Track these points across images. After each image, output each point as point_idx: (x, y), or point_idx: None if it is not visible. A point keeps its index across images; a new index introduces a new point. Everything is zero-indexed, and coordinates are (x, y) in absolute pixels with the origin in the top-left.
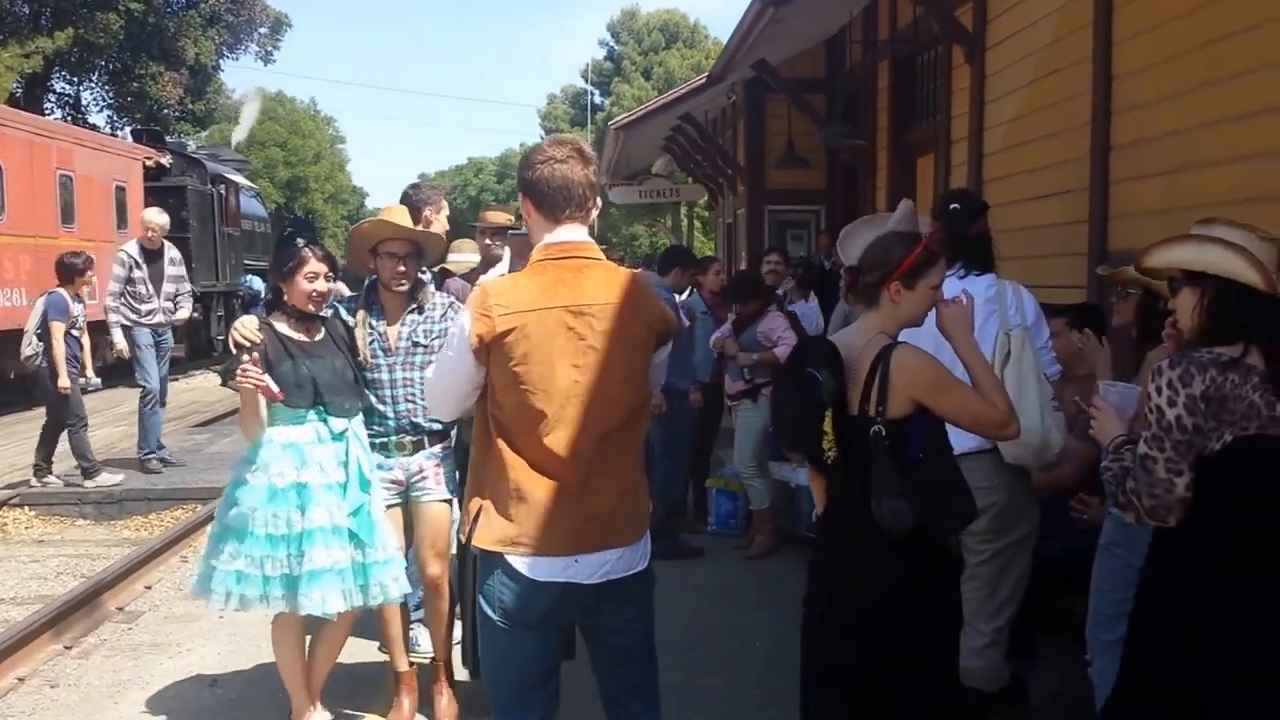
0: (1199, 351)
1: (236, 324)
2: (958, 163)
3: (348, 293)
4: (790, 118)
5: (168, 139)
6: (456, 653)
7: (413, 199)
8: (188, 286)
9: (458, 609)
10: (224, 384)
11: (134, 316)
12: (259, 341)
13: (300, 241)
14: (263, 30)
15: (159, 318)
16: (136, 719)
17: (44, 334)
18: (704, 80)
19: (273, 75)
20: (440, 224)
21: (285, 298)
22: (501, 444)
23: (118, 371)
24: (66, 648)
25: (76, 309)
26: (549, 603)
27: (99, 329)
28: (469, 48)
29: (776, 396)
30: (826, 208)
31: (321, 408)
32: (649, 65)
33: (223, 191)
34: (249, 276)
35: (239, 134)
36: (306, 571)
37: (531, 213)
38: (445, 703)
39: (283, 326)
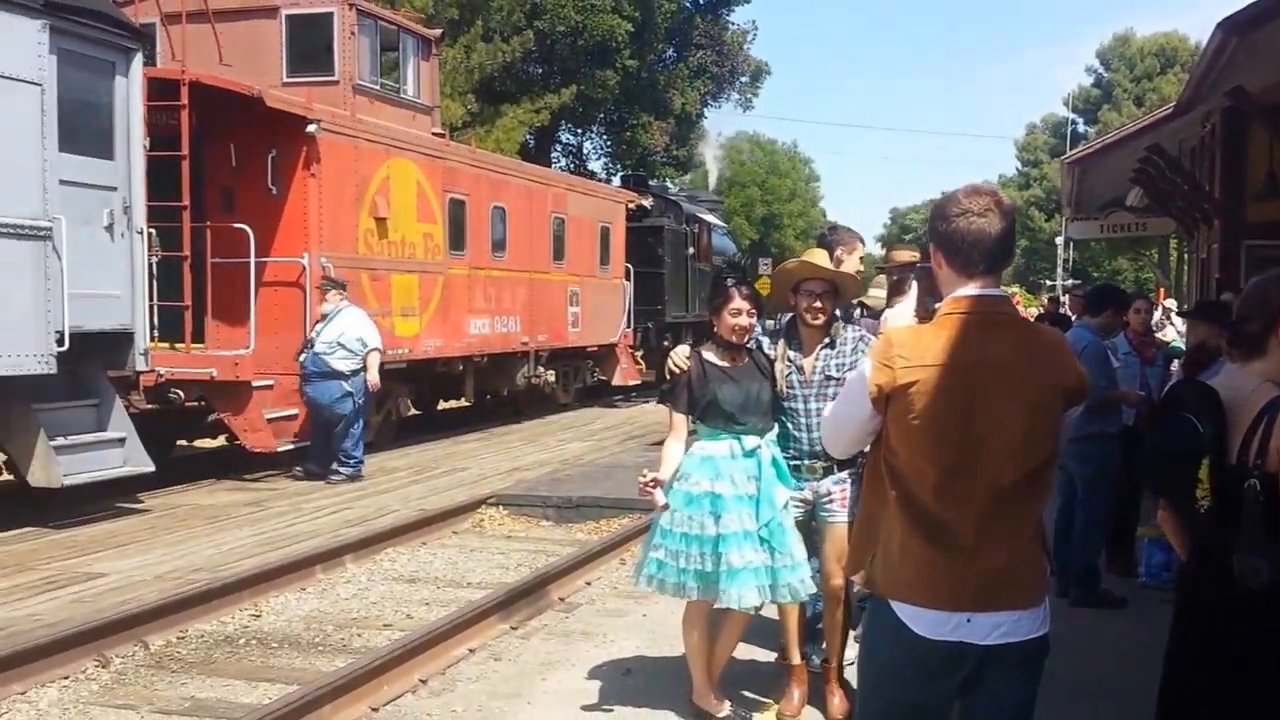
0: None
1: (672, 353)
2: None
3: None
4: (1273, 146)
5: (651, 182)
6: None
7: (827, 240)
8: None
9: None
10: (660, 401)
11: None
12: (687, 368)
13: (729, 282)
14: (744, 79)
15: None
16: (558, 694)
17: None
18: (1170, 110)
19: (749, 119)
20: (852, 264)
21: (715, 329)
22: (894, 492)
23: (592, 392)
24: (513, 628)
25: None
26: (937, 661)
27: None
28: (945, 83)
29: (1150, 442)
30: None
31: (736, 427)
32: (1141, 92)
33: (696, 230)
34: None
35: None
36: (725, 570)
37: (942, 265)
38: (837, 702)
39: (710, 354)
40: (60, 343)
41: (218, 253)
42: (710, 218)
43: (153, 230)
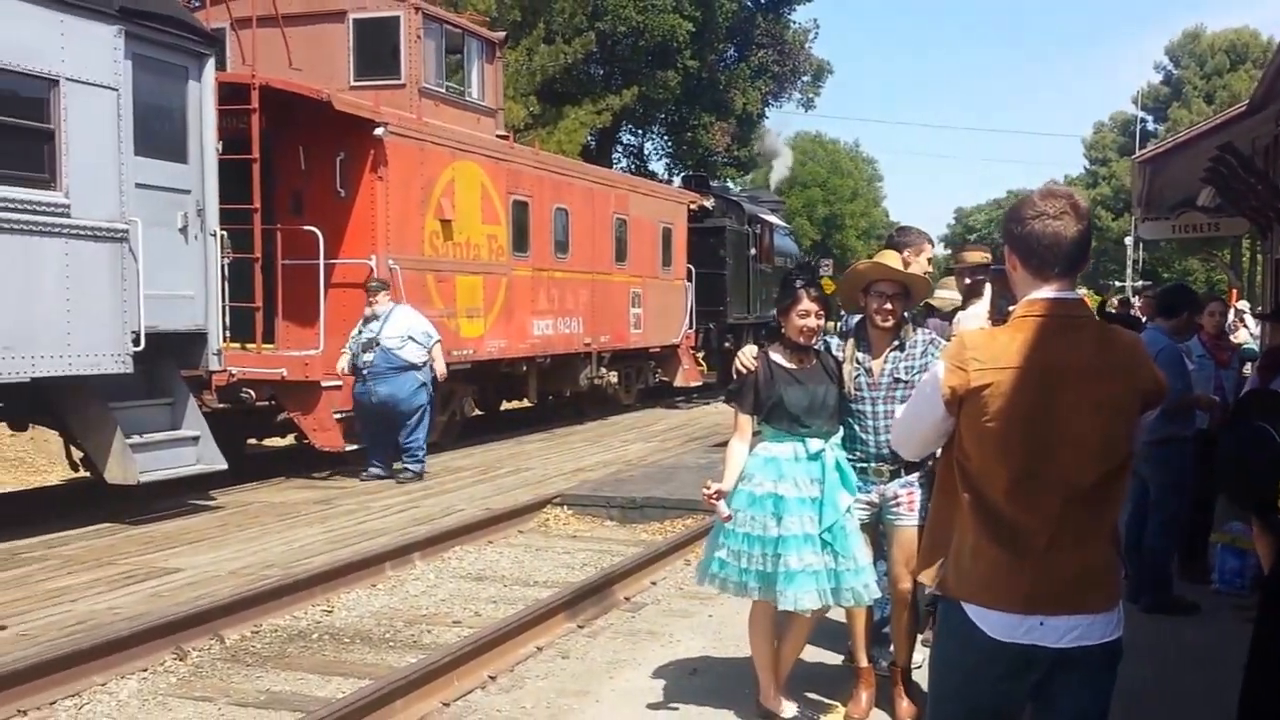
0: None
1: (739, 353)
2: None
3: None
4: None
5: (713, 183)
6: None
7: (895, 241)
8: None
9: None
10: (726, 401)
11: None
12: (754, 369)
13: (798, 283)
14: (805, 78)
15: None
16: (625, 692)
17: None
18: (1243, 108)
19: (812, 119)
20: (919, 265)
21: (783, 330)
22: (967, 495)
23: (654, 393)
24: (579, 626)
25: None
26: (1009, 664)
27: None
28: (1010, 81)
29: (1223, 450)
30: None
31: (801, 430)
32: (1211, 90)
33: (758, 231)
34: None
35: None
36: (782, 572)
37: (1017, 267)
38: (905, 705)
39: (777, 355)
40: (136, 342)
41: (288, 254)
42: (772, 218)
43: (224, 232)
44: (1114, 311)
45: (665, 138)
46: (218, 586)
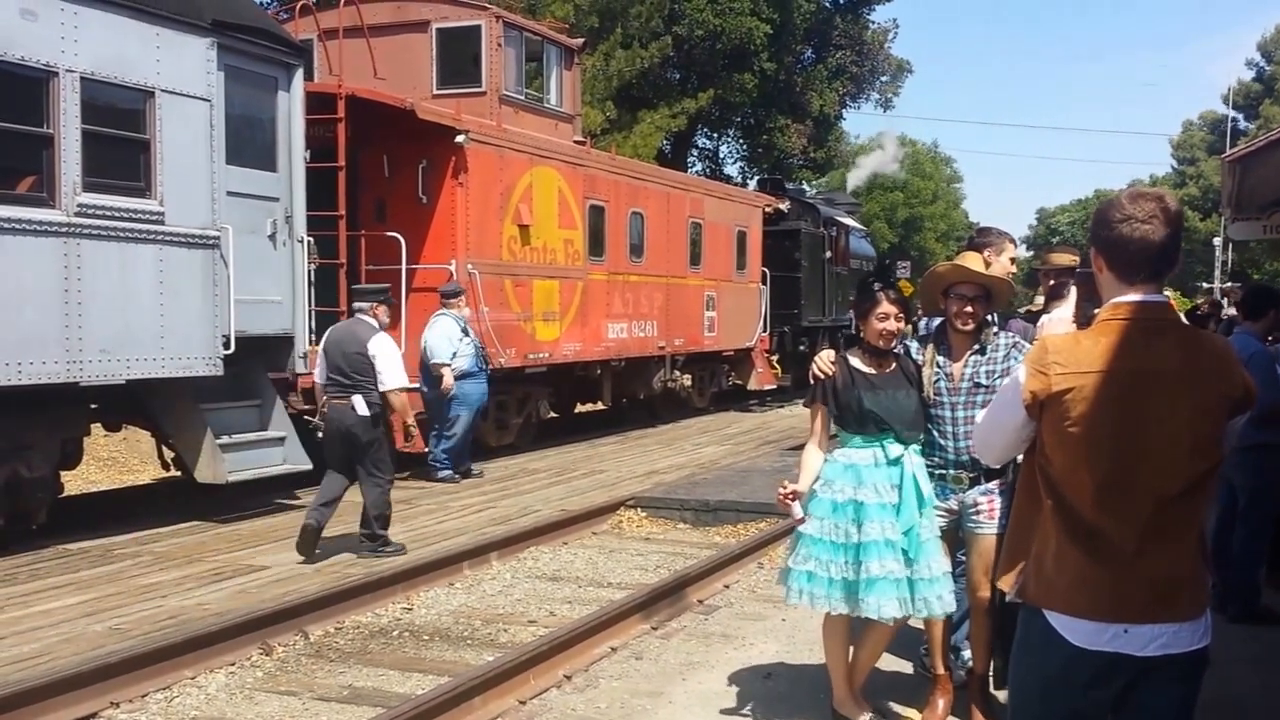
0: None
1: (816, 357)
2: None
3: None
4: None
5: (788, 186)
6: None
7: (975, 241)
8: None
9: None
10: (807, 405)
11: None
12: (832, 374)
13: (876, 286)
14: (884, 78)
15: None
16: (699, 695)
17: None
18: None
19: (890, 119)
20: (1000, 266)
21: (861, 334)
22: (1050, 501)
23: (728, 397)
24: (653, 628)
25: None
26: (1091, 672)
27: None
28: (1094, 80)
29: None
30: None
31: (880, 435)
32: None
33: (834, 233)
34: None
35: (863, 169)
36: (864, 579)
37: (1103, 269)
38: (981, 717)
39: (856, 360)
40: (227, 345)
41: (371, 260)
42: (848, 220)
43: (311, 239)
44: (1203, 312)
45: (741, 141)
46: (303, 584)
